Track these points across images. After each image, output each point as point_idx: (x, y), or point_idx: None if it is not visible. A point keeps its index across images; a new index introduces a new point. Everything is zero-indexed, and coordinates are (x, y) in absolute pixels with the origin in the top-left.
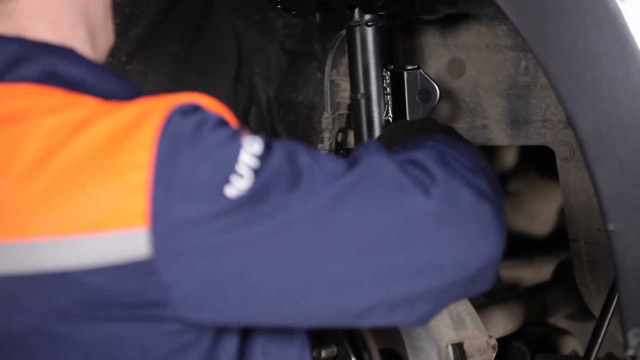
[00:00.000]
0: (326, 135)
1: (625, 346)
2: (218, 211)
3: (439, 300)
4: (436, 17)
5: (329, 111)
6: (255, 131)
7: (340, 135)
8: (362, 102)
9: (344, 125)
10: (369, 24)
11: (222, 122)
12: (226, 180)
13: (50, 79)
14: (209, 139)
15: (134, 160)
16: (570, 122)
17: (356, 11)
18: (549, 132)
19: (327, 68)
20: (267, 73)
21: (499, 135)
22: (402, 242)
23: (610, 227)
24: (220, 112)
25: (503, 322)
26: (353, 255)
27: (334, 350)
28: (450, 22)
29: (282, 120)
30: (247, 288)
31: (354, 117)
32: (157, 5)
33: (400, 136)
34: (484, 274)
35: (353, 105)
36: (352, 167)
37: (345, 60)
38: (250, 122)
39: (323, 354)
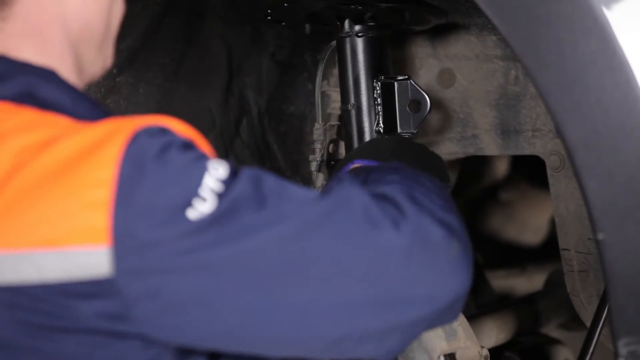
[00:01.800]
0: (317, 146)
1: (616, 355)
2: (180, 233)
3: (407, 335)
4: (426, 28)
5: (320, 122)
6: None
7: (331, 146)
8: (353, 112)
9: (335, 136)
10: (359, 34)
11: (189, 145)
12: (188, 203)
13: (27, 98)
14: (174, 160)
15: (96, 178)
16: (559, 132)
17: (346, 22)
18: (539, 141)
19: (318, 79)
20: (258, 84)
21: (490, 145)
22: (371, 276)
23: (600, 236)
24: (189, 135)
25: (495, 332)
26: (319, 285)
27: None
28: (440, 32)
29: (273, 131)
30: (208, 312)
31: (344, 128)
32: (147, 17)
33: (369, 154)
34: (451, 309)
35: (344, 116)
36: (324, 197)
37: (335, 71)
38: (241, 133)
39: None
